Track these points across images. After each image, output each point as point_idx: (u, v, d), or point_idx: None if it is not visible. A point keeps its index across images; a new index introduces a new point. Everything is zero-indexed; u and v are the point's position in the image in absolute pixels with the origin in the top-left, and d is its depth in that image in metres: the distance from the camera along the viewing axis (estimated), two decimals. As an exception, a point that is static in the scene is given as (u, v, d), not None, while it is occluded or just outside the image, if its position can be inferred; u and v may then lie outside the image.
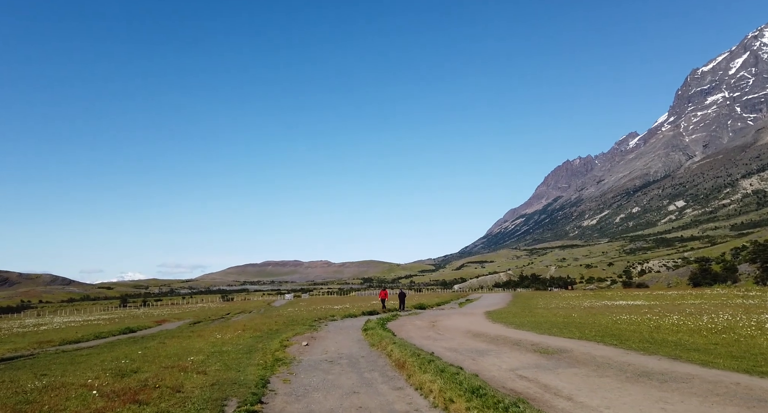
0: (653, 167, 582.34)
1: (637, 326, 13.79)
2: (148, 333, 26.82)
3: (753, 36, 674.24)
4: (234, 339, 17.19)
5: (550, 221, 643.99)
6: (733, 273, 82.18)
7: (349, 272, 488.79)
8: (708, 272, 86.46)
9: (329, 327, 20.72)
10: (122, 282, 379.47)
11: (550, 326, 15.08)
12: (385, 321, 20.55)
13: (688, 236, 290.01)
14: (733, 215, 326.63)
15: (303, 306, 45.92)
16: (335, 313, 28.11)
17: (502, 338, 12.37)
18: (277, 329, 20.89)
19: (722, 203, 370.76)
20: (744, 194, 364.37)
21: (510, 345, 11.08)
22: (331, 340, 16.10)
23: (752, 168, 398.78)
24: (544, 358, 9.12)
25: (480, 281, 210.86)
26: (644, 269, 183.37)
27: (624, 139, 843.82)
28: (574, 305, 29.38)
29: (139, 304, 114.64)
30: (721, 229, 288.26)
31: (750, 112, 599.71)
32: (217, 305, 77.93)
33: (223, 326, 26.06)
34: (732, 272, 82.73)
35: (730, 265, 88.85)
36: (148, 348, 15.04)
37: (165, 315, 53.00)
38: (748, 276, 78.54)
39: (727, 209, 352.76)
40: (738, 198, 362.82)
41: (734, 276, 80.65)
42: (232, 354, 12.85)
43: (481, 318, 21.76)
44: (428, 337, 14.42)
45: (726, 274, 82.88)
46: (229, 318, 41.11)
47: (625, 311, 21.26)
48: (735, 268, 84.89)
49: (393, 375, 8.88)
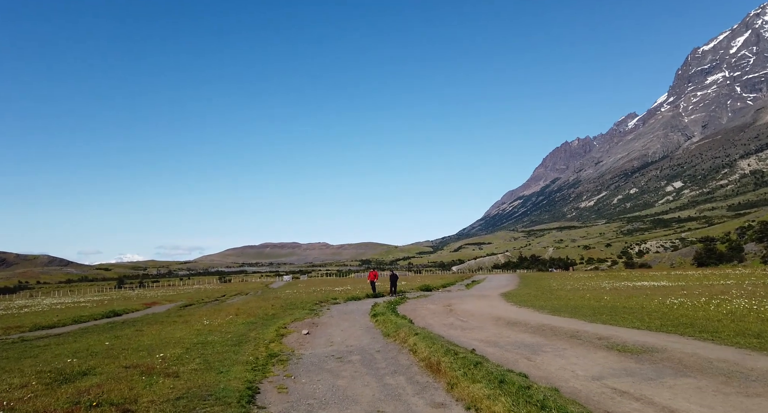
0: (652, 148, 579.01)
1: (703, 312, 11.58)
2: (133, 317, 24.62)
3: (755, 14, 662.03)
4: (223, 326, 14.97)
5: (548, 203, 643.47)
6: (739, 253, 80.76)
7: (347, 254, 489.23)
8: (713, 252, 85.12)
9: (332, 312, 18.54)
10: (121, 264, 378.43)
11: (593, 311, 12.87)
12: (394, 305, 18.36)
13: (686, 216, 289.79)
14: (731, 195, 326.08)
15: (302, 288, 43.86)
16: (337, 296, 25.97)
17: (548, 327, 10.13)
18: (273, 313, 18.69)
19: (720, 184, 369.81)
20: (742, 174, 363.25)
21: (566, 338, 8.84)
22: (335, 327, 13.89)
23: (750, 148, 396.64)
24: (629, 359, 6.87)
25: (478, 262, 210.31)
26: (642, 249, 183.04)
27: (623, 120, 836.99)
28: (593, 286, 27.33)
29: (135, 285, 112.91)
30: (719, 209, 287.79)
31: (750, 92, 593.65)
32: (214, 286, 76.01)
33: (215, 309, 23.90)
34: (738, 252, 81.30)
35: (735, 244, 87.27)
36: (119, 337, 12.77)
37: (157, 296, 51.01)
38: (754, 256, 77.12)
39: (724, 190, 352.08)
40: (736, 179, 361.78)
41: (740, 256, 79.26)
42: (217, 345, 10.60)
43: (499, 300, 19.62)
44: (451, 325, 12.19)
45: (732, 254, 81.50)
46: (223, 300, 39.00)
47: (660, 292, 19.16)
48: (741, 247, 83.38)
49: (425, 381, 6.61)
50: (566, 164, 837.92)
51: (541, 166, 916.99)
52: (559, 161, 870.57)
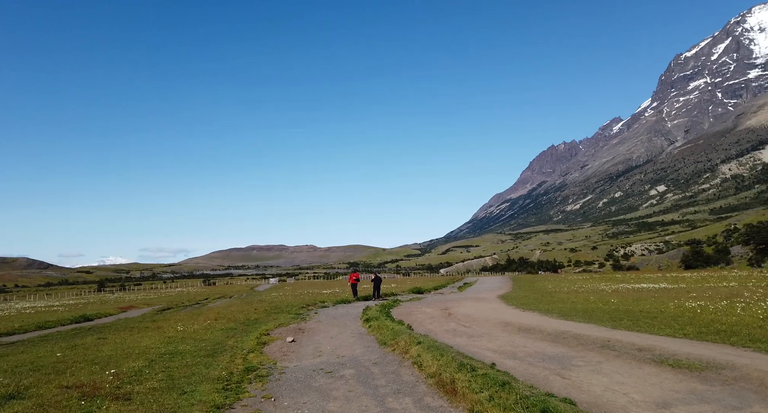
0: (636, 152, 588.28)
1: (735, 317, 10.46)
2: (104, 322, 22.85)
3: (735, 22, 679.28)
4: (199, 332, 13.47)
5: (535, 206, 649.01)
6: (726, 255, 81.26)
7: (334, 257, 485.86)
8: (700, 255, 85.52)
9: (320, 316, 17.13)
10: (103, 266, 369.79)
11: (609, 316, 11.72)
12: (388, 309, 17.01)
13: (669, 220, 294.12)
14: (713, 199, 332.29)
15: (288, 291, 42.25)
16: (325, 298, 24.54)
17: (570, 335, 8.89)
18: (256, 318, 17.21)
19: (702, 188, 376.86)
20: (723, 178, 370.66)
21: (596, 349, 7.59)
22: (324, 334, 12.50)
23: (731, 153, 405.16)
24: (692, 379, 5.56)
25: (466, 265, 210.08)
26: (627, 252, 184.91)
27: (608, 124, 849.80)
28: (591, 288, 26.36)
29: (116, 289, 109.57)
30: (701, 213, 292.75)
31: (730, 97, 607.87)
32: (197, 289, 73.76)
33: (194, 314, 22.29)
34: (725, 255, 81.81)
35: (722, 247, 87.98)
36: (76, 346, 11.19)
37: (136, 300, 48.92)
38: (741, 258, 77.61)
39: (706, 194, 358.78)
40: (717, 183, 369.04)
41: (727, 258, 79.73)
42: (188, 356, 9.15)
43: (499, 303, 18.44)
44: (454, 331, 10.91)
45: (719, 256, 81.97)
46: (205, 303, 37.20)
47: (667, 295, 18.17)
48: (728, 250, 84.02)
49: (439, 405, 5.28)
50: (553, 168, 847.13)
51: (528, 169, 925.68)
52: (546, 165, 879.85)
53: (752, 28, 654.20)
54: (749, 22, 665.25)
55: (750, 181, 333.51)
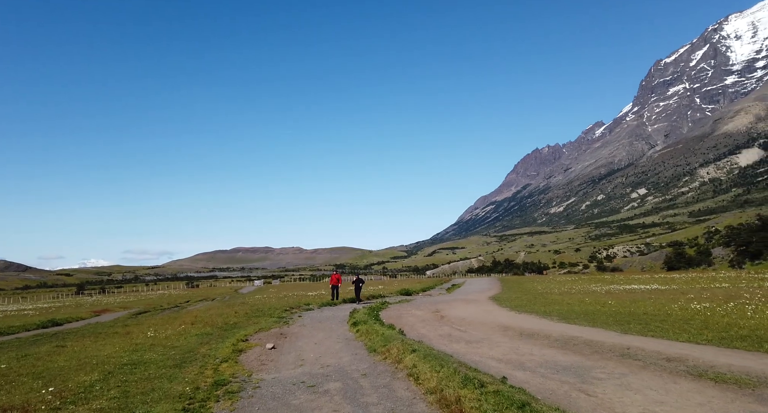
0: (617, 155, 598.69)
1: (753, 320, 9.79)
2: (73, 327, 21.41)
3: (713, 29, 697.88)
4: (171, 338, 12.34)
5: (520, 208, 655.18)
6: (708, 257, 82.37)
7: (321, 259, 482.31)
8: (683, 257, 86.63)
9: (304, 319, 16.09)
10: (84, 269, 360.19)
11: (614, 319, 10.98)
12: (376, 311, 16.07)
13: (650, 222, 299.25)
14: (691, 202, 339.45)
15: (273, 293, 40.99)
16: (310, 301, 23.46)
17: (580, 341, 8.05)
18: (235, 322, 16.10)
19: (681, 191, 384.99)
20: (701, 182, 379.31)
21: (616, 358, 6.70)
22: (308, 339, 11.50)
23: (709, 157, 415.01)
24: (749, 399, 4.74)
25: (452, 267, 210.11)
26: (609, 254, 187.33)
27: (591, 128, 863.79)
28: (583, 289, 25.84)
29: (96, 291, 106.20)
30: (680, 216, 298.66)
31: (708, 103, 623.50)
32: (180, 292, 71.74)
33: (170, 318, 21.01)
34: (706, 256, 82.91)
35: (704, 249, 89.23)
36: (27, 356, 9.98)
37: (114, 303, 47.11)
38: (722, 260, 78.73)
39: (685, 197, 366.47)
40: (696, 186, 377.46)
41: (709, 260, 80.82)
42: (152, 367, 8.08)
43: (492, 305, 17.65)
44: (450, 336, 10.02)
45: (700, 258, 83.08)
46: (185, 306, 35.70)
47: (664, 296, 17.64)
48: (709, 252, 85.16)
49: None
50: (537, 171, 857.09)
51: (513, 172, 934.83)
52: (530, 168, 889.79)
53: (729, 36, 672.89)
54: (726, 29, 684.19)
55: (727, 184, 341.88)
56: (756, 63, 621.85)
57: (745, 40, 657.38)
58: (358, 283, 23.38)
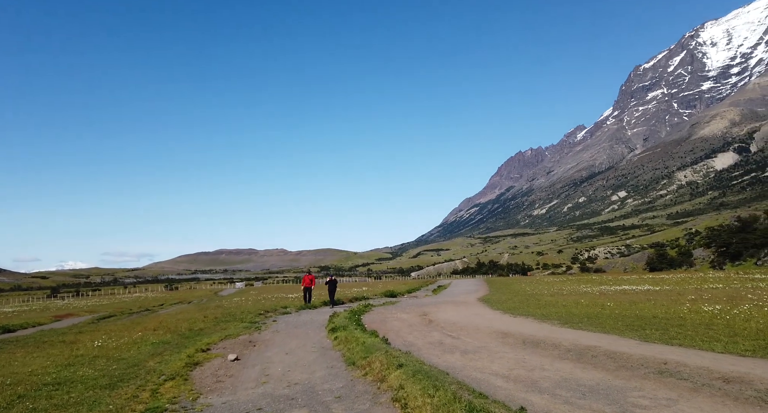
0: (598, 158, 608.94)
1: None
2: (24, 334, 19.45)
3: (690, 36, 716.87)
4: (121, 348, 10.75)
5: (503, 211, 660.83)
6: (689, 258, 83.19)
7: (305, 261, 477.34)
8: (664, 258, 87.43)
9: (279, 324, 14.61)
10: (61, 271, 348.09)
11: (622, 324, 9.80)
12: (359, 315, 14.67)
13: (630, 224, 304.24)
14: (669, 204, 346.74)
15: (252, 295, 39.21)
16: (289, 304, 21.92)
17: (602, 353, 6.71)
18: (201, 328, 14.53)
19: (660, 194, 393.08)
20: (679, 185, 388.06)
21: (654, 376, 5.34)
22: (279, 348, 10.06)
23: (687, 161, 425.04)
24: None
25: (437, 268, 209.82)
26: (591, 255, 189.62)
27: (572, 131, 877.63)
28: (574, 290, 24.89)
29: (71, 294, 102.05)
30: (659, 218, 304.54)
31: (685, 108, 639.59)
32: (157, 295, 69.09)
33: (133, 323, 19.26)
34: (688, 257, 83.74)
35: (685, 250, 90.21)
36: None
37: (84, 306, 44.76)
38: (703, 261, 79.58)
39: (664, 200, 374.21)
40: (674, 189, 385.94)
41: (690, 261, 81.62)
42: (77, 388, 6.55)
43: (483, 307, 16.44)
44: (441, 344, 8.71)
45: (682, 259, 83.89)
46: (156, 310, 33.73)
47: (664, 298, 16.69)
48: (690, 253, 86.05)
49: None
50: (520, 173, 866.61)
51: (497, 174, 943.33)
52: (514, 170, 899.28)
53: (705, 43, 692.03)
54: (702, 36, 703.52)
55: (704, 187, 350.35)
56: (730, 69, 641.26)
57: (720, 47, 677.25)
58: (331, 285, 21.54)
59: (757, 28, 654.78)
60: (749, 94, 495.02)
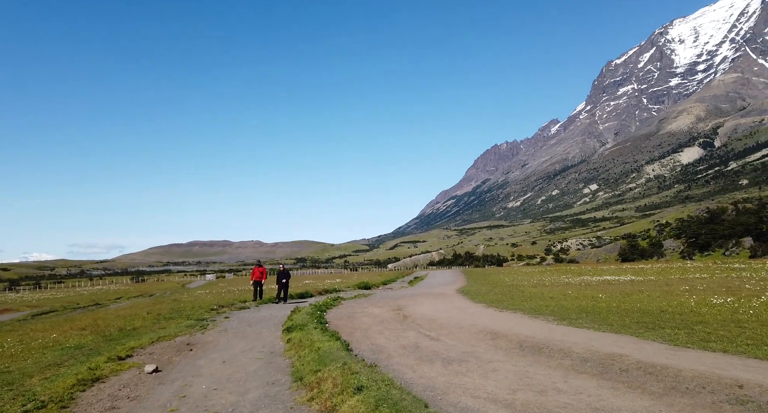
0: (571, 152, 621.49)
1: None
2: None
3: (659, 32, 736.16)
4: (18, 356, 8.60)
5: (479, 203, 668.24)
6: (659, 249, 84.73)
7: (281, 253, 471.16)
8: (636, 248, 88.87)
9: (230, 322, 12.60)
10: (25, 263, 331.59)
11: (630, 320, 8.31)
12: (323, 310, 12.79)
13: (600, 217, 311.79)
14: (638, 197, 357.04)
15: (220, 288, 36.85)
16: (248, 298, 19.85)
17: (632, 365, 5.02)
18: (137, 327, 12.37)
19: (629, 187, 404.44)
20: (647, 178, 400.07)
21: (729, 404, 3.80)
22: (217, 355, 8.11)
23: (655, 155, 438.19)
24: None
25: (413, 260, 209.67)
26: (564, 247, 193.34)
27: (546, 125, 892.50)
28: (556, 281, 23.72)
29: (30, 287, 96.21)
30: (628, 210, 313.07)
31: (654, 103, 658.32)
32: (121, 287, 65.49)
33: (64, 321, 16.86)
34: (658, 248, 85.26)
35: (656, 241, 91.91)
36: None
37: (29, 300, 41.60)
38: (673, 251, 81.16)
39: (633, 193, 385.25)
40: (642, 182, 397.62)
41: (660, 251, 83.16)
42: None
43: (463, 300, 14.84)
44: (417, 349, 6.95)
45: (653, 249, 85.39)
46: (107, 304, 30.97)
47: (653, 288, 15.51)
48: (660, 243, 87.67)
49: None
50: (496, 166, 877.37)
51: (473, 167, 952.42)
52: (489, 163, 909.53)
53: (673, 40, 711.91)
54: (671, 33, 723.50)
55: (670, 181, 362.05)
56: (697, 66, 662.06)
57: (687, 44, 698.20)
58: (280, 277, 18.17)
59: (722, 26, 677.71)
60: (714, 91, 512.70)
